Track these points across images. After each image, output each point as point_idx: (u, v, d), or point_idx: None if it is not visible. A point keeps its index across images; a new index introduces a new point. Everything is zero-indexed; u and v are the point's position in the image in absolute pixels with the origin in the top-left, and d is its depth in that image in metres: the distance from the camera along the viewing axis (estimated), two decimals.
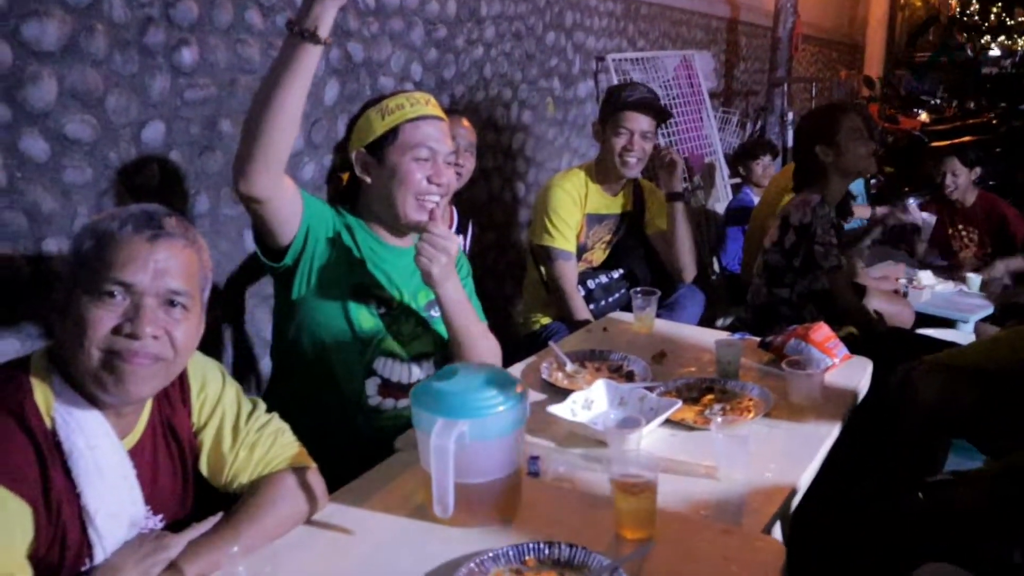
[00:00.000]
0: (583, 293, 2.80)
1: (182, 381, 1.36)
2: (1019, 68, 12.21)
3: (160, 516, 1.33)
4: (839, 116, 2.81)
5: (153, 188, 2.35)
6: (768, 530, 1.38)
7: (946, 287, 3.67)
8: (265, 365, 2.69)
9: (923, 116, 9.66)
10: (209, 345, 1.75)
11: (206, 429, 1.39)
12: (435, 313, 1.89)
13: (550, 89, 4.19)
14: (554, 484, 1.52)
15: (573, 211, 2.74)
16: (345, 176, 2.00)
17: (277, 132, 1.51)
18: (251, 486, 1.38)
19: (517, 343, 2.87)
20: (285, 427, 1.46)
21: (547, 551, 1.24)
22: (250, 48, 2.58)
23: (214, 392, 1.40)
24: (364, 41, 2.99)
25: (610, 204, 2.84)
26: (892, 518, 2.04)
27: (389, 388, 1.86)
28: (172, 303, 1.23)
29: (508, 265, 3.90)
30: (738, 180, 5.39)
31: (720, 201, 5.11)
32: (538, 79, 4.08)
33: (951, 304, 3.50)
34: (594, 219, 2.82)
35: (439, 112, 1.85)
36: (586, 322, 2.61)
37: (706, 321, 3.70)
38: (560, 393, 1.87)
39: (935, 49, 13.16)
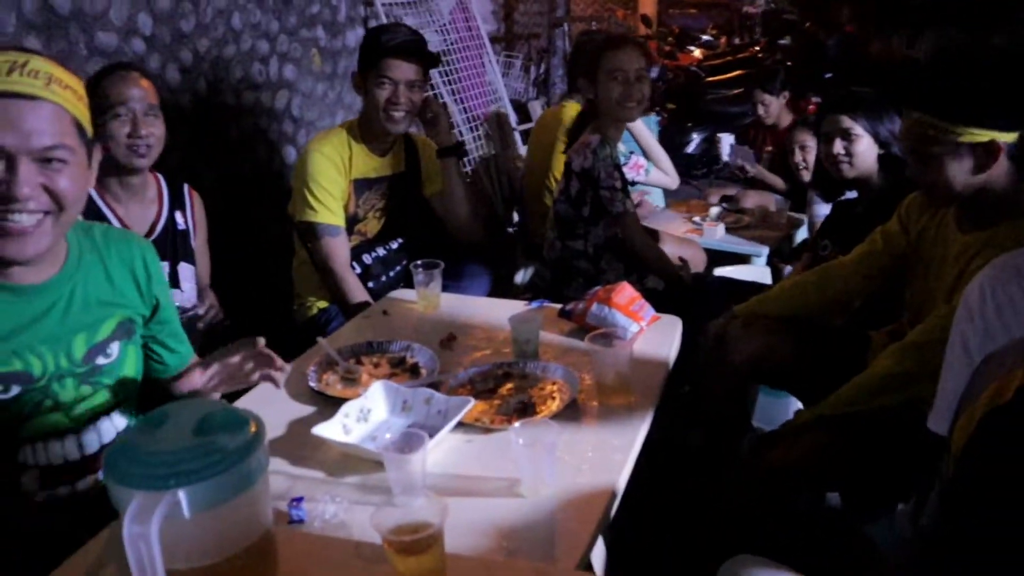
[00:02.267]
0: (359, 271, 2.46)
1: None
2: (774, 5, 12.90)
3: None
4: (602, 51, 2.58)
5: None
6: (586, 558, 1.14)
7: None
8: None
9: (696, 52, 9.94)
10: None
11: None
12: (104, 360, 1.41)
13: (314, 39, 3.76)
14: (323, 534, 1.21)
15: (336, 178, 2.37)
16: None
17: None
18: None
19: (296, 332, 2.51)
20: None
21: None
22: None
23: None
24: None
25: (379, 166, 2.49)
26: (715, 486, 1.91)
27: (55, 473, 1.38)
28: None
29: (283, 243, 3.48)
30: (529, 126, 5.20)
31: (511, 147, 4.89)
32: (299, 29, 3.63)
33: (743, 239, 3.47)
34: (363, 184, 2.46)
35: (31, 86, 1.21)
36: (365, 304, 2.28)
37: (505, 279, 3.49)
38: (334, 404, 1.55)
39: None
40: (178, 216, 2.20)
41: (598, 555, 1.30)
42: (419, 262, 2.03)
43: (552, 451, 1.25)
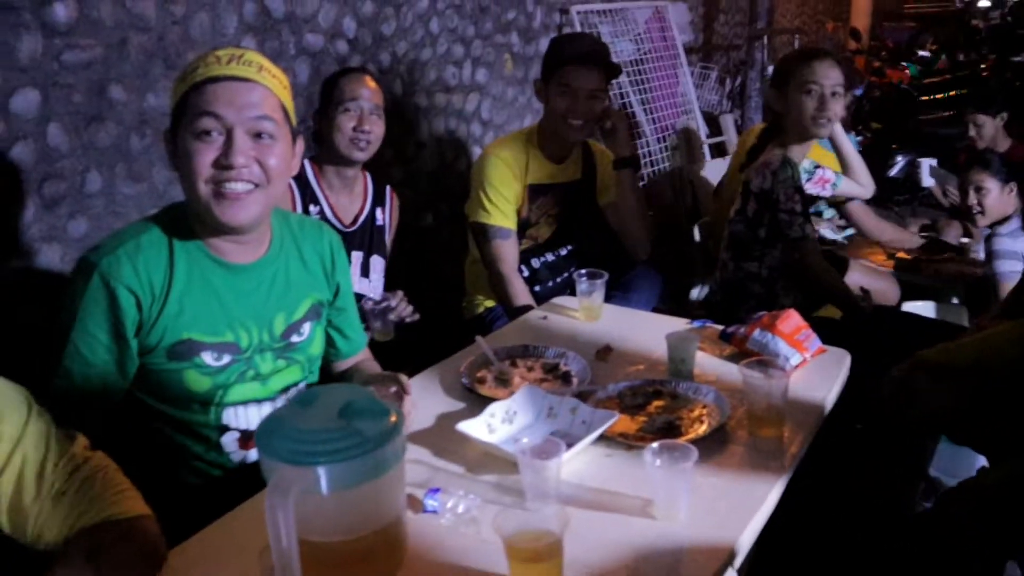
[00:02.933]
0: (526, 274, 2.50)
1: None
2: (1011, 19, 11.81)
3: None
4: (796, 63, 2.47)
5: (28, 165, 2.05)
6: None
7: None
8: None
9: (911, 69, 9.29)
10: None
11: (3, 476, 1.10)
12: (298, 338, 1.55)
13: (508, 45, 3.85)
14: (453, 527, 1.24)
15: (511, 183, 2.42)
16: None
17: None
18: (64, 545, 1.10)
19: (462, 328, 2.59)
20: (107, 466, 1.17)
21: None
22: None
23: (13, 429, 1.11)
24: None
25: (555, 173, 2.52)
26: (886, 534, 1.79)
27: (250, 438, 1.51)
28: None
29: (458, 240, 3.61)
30: (719, 139, 5.08)
31: (698, 162, 4.79)
32: (494, 34, 3.74)
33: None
34: (538, 190, 2.50)
35: (246, 71, 1.39)
36: (528, 308, 2.31)
37: (679, 294, 3.43)
38: (483, 402, 1.58)
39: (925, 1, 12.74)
40: (378, 212, 2.37)
41: None
42: (583, 271, 2.03)
43: (688, 476, 1.22)
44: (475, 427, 1.46)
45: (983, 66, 8.11)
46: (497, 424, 1.49)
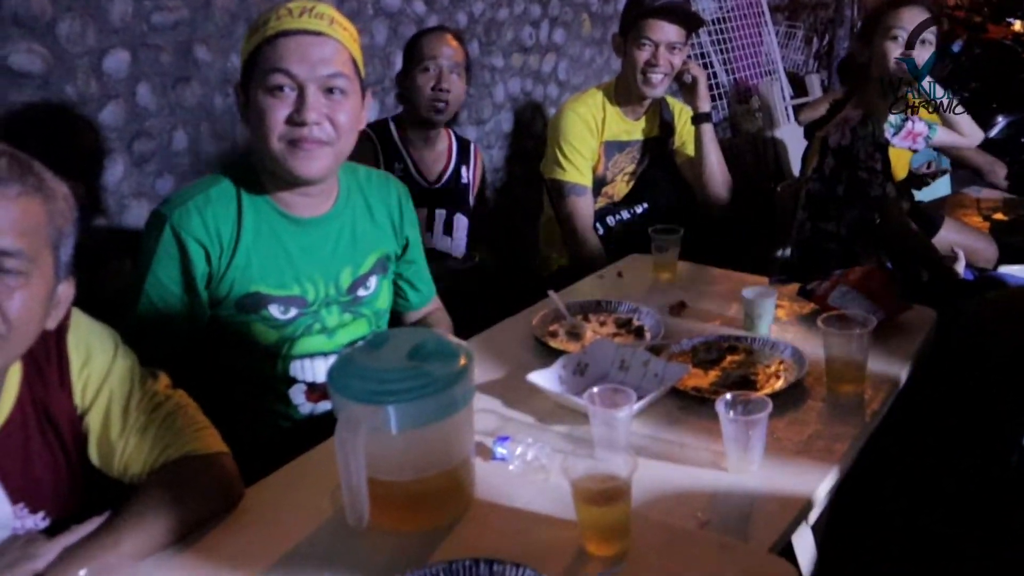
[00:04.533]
0: (601, 232, 2.47)
1: (60, 355, 1.12)
2: None
3: (42, 514, 1.11)
4: (884, 9, 2.39)
5: (120, 124, 2.12)
6: (781, 544, 1.08)
7: None
8: None
9: (1017, 25, 8.75)
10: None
11: (91, 412, 1.15)
12: (364, 292, 1.56)
13: (585, 4, 3.79)
14: (522, 474, 1.24)
15: (588, 139, 2.39)
16: None
17: None
18: (147, 478, 1.15)
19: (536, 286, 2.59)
20: (188, 404, 1.21)
21: (479, 570, 0.97)
22: None
23: (100, 367, 1.15)
24: None
25: (632, 129, 2.48)
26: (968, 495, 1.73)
27: (317, 390, 1.53)
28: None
29: (539, 199, 3.59)
30: (803, 100, 4.90)
31: (781, 125, 4.64)
32: None
33: None
34: (613, 147, 2.47)
35: (317, 24, 1.38)
36: (602, 266, 2.29)
37: (761, 255, 3.34)
38: (555, 355, 1.58)
39: None
40: (463, 170, 2.38)
41: (805, 552, 1.22)
42: (658, 227, 2.00)
43: (761, 428, 1.19)
44: (546, 377, 1.45)
45: None
46: (568, 376, 1.49)
